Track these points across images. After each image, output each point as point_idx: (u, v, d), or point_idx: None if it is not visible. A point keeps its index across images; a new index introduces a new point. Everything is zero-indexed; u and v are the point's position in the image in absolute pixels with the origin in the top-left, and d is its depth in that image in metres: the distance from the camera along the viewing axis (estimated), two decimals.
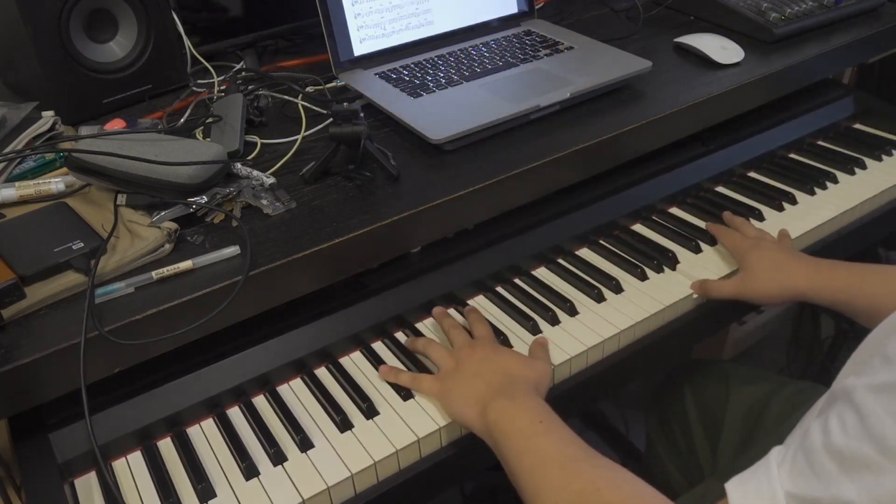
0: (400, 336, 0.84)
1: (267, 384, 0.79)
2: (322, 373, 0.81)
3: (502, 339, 0.82)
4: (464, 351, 0.77)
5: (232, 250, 0.74)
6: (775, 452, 0.47)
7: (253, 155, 0.90)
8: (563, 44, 1.09)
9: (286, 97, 1.01)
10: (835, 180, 1.08)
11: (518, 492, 0.63)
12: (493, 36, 1.12)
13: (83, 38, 0.95)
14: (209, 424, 0.75)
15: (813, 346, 1.62)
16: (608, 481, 0.58)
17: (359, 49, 1.03)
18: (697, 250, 0.95)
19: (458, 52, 1.07)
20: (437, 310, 0.85)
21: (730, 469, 0.93)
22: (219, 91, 1.02)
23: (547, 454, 0.62)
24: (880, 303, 0.79)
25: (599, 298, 0.88)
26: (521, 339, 0.83)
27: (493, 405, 0.69)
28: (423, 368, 0.79)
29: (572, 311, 0.86)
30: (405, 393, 0.77)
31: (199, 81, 1.06)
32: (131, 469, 0.71)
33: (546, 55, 1.06)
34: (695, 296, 0.89)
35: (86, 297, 0.67)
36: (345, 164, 0.85)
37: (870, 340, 0.55)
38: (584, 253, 0.96)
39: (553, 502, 0.59)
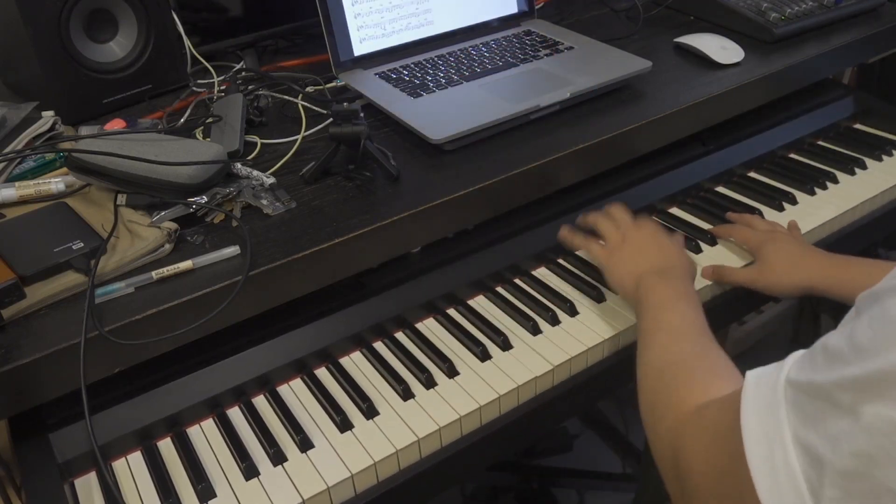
0: (400, 336, 0.84)
1: (267, 384, 0.79)
2: (322, 373, 0.81)
3: (502, 339, 0.82)
4: (631, 228, 0.86)
5: (232, 250, 0.74)
6: (795, 353, 0.51)
7: (253, 155, 0.90)
8: (563, 44, 1.09)
9: (286, 97, 1.01)
10: (835, 180, 1.08)
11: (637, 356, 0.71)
12: (493, 36, 1.12)
13: (83, 38, 0.95)
14: (209, 424, 0.75)
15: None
16: (696, 354, 0.66)
17: (359, 49, 1.03)
18: (698, 250, 0.95)
19: (458, 52, 1.07)
20: (583, 218, 0.92)
21: None
22: (219, 91, 1.02)
23: (666, 322, 0.71)
24: None
25: (599, 298, 0.88)
26: (521, 339, 0.83)
27: (646, 278, 0.78)
28: (423, 368, 0.79)
29: (572, 310, 0.86)
30: (405, 393, 0.77)
31: (199, 81, 1.06)
32: (131, 469, 0.71)
33: (546, 55, 1.06)
34: (707, 281, 0.89)
35: (86, 297, 0.67)
36: (345, 164, 0.85)
37: None
38: (585, 253, 0.96)
39: (649, 357, 0.68)
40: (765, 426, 0.46)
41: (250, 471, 0.70)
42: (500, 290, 0.90)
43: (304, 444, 0.72)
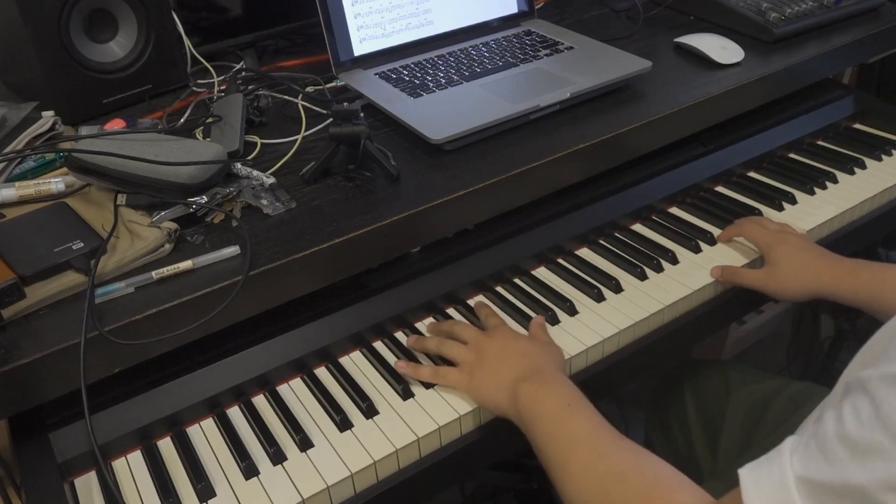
0: (400, 336, 0.84)
1: (267, 384, 0.79)
2: (322, 373, 0.81)
3: None
4: (482, 341, 0.77)
5: (232, 250, 0.74)
6: (789, 441, 0.48)
7: (253, 155, 0.90)
8: (563, 44, 1.09)
9: (286, 97, 1.01)
10: (835, 180, 1.08)
11: (548, 473, 0.66)
12: (493, 36, 1.12)
13: (83, 38, 0.95)
14: (209, 424, 0.75)
15: (813, 346, 1.62)
16: (633, 465, 0.60)
17: (359, 49, 1.03)
18: (697, 250, 0.95)
19: (458, 52, 1.07)
20: (430, 326, 0.84)
21: (729, 469, 0.93)
22: (219, 91, 1.02)
23: (575, 437, 0.65)
24: None
25: (599, 298, 0.88)
26: None
27: (522, 389, 0.70)
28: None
29: (572, 310, 0.86)
30: (405, 392, 0.77)
31: (199, 81, 1.06)
32: (131, 469, 0.71)
33: (546, 55, 1.06)
34: (710, 279, 0.89)
35: (86, 297, 0.67)
36: (345, 164, 0.85)
37: (885, 332, 0.55)
38: (584, 253, 0.96)
39: (579, 483, 0.62)
40: None
41: (250, 470, 0.70)
42: (499, 290, 0.90)
43: (304, 443, 0.72)
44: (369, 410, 0.75)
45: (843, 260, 0.86)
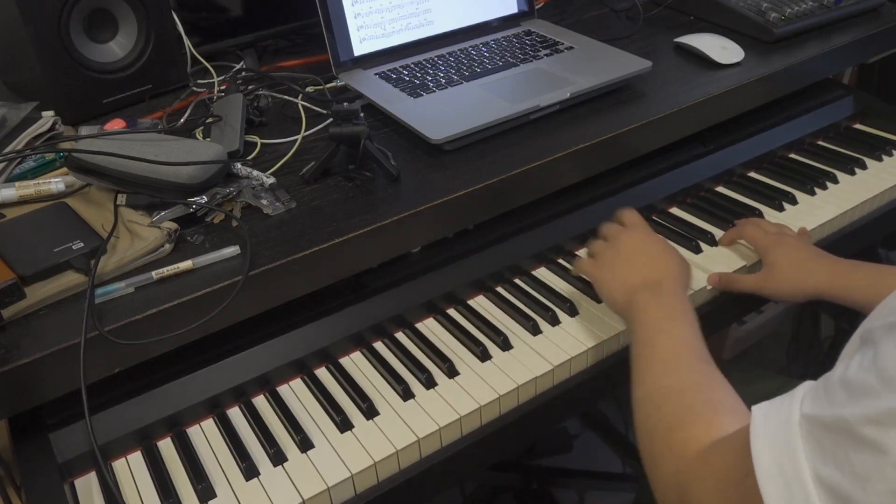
0: (400, 336, 0.84)
1: (267, 384, 0.79)
2: (322, 373, 0.81)
3: (502, 339, 0.82)
4: (620, 236, 0.82)
5: (232, 250, 0.74)
6: (804, 385, 0.49)
7: (253, 155, 0.90)
8: (563, 44, 1.09)
9: (286, 97, 1.01)
10: (835, 180, 1.08)
11: (631, 374, 0.69)
12: (493, 36, 1.12)
13: (83, 38, 0.95)
14: (209, 424, 0.75)
15: (813, 346, 1.62)
16: (695, 384, 0.63)
17: (359, 49, 1.03)
18: (697, 250, 0.95)
19: (458, 52, 1.07)
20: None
21: None
22: (219, 91, 1.02)
23: (659, 349, 0.68)
24: None
25: (599, 298, 0.88)
26: (521, 339, 0.83)
27: (638, 295, 0.75)
28: (423, 368, 0.79)
29: (572, 310, 0.86)
30: (405, 393, 0.77)
31: (199, 81, 1.06)
32: (131, 469, 0.71)
33: (546, 55, 1.06)
34: (709, 287, 0.89)
35: (86, 297, 0.67)
36: (345, 164, 0.85)
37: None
38: (585, 253, 0.96)
39: (644, 391, 0.65)
40: (780, 465, 0.44)
41: (250, 471, 0.70)
42: (500, 290, 0.90)
43: (304, 444, 0.72)
44: (370, 411, 0.75)
45: (840, 261, 0.86)
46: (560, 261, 0.94)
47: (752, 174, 1.12)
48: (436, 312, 0.87)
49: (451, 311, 0.88)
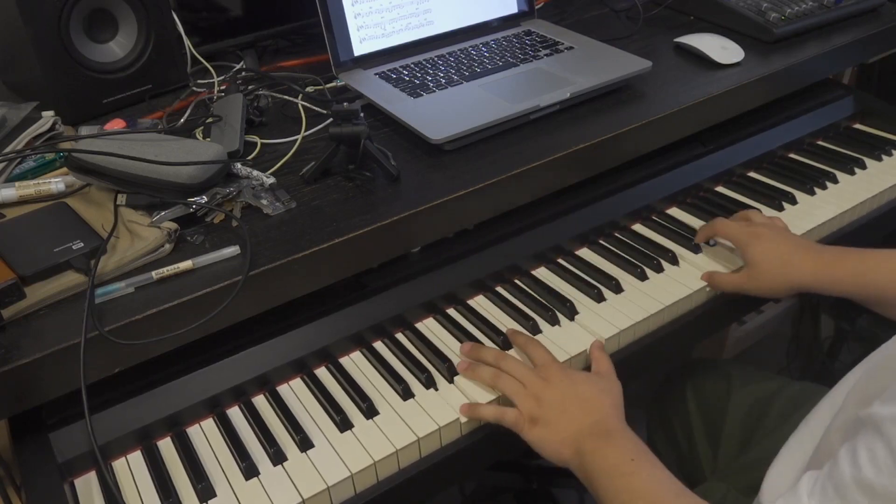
0: (400, 336, 0.84)
1: (267, 384, 0.79)
2: (322, 373, 0.81)
3: (502, 339, 0.82)
4: (541, 388, 0.74)
5: (232, 250, 0.74)
6: (805, 480, 0.47)
7: (253, 155, 0.90)
8: (563, 44, 1.09)
9: (286, 97, 1.01)
10: (835, 180, 1.08)
11: None
12: (493, 36, 1.12)
13: (83, 38, 0.95)
14: (209, 424, 0.75)
15: (813, 346, 1.62)
16: None
17: (359, 49, 1.03)
18: (697, 250, 0.95)
19: (458, 52, 1.07)
20: (470, 349, 0.80)
21: (730, 469, 0.93)
22: (219, 91, 1.02)
23: (637, 492, 0.65)
24: (888, 291, 0.77)
25: (599, 298, 0.88)
26: None
27: (586, 445, 0.70)
28: (423, 368, 0.79)
29: (572, 310, 0.86)
30: (405, 393, 0.77)
31: (199, 81, 1.06)
32: (131, 469, 0.71)
33: (546, 55, 1.06)
34: (707, 288, 0.89)
35: (86, 297, 0.67)
36: (345, 164, 0.85)
37: (891, 358, 0.54)
38: (584, 253, 0.96)
39: None
40: None
41: (250, 470, 0.70)
42: (500, 290, 0.90)
43: (304, 443, 0.72)
44: (369, 411, 0.75)
45: (825, 250, 0.83)
46: (560, 261, 0.94)
47: (752, 174, 1.12)
48: (436, 312, 0.87)
49: (451, 311, 0.88)
